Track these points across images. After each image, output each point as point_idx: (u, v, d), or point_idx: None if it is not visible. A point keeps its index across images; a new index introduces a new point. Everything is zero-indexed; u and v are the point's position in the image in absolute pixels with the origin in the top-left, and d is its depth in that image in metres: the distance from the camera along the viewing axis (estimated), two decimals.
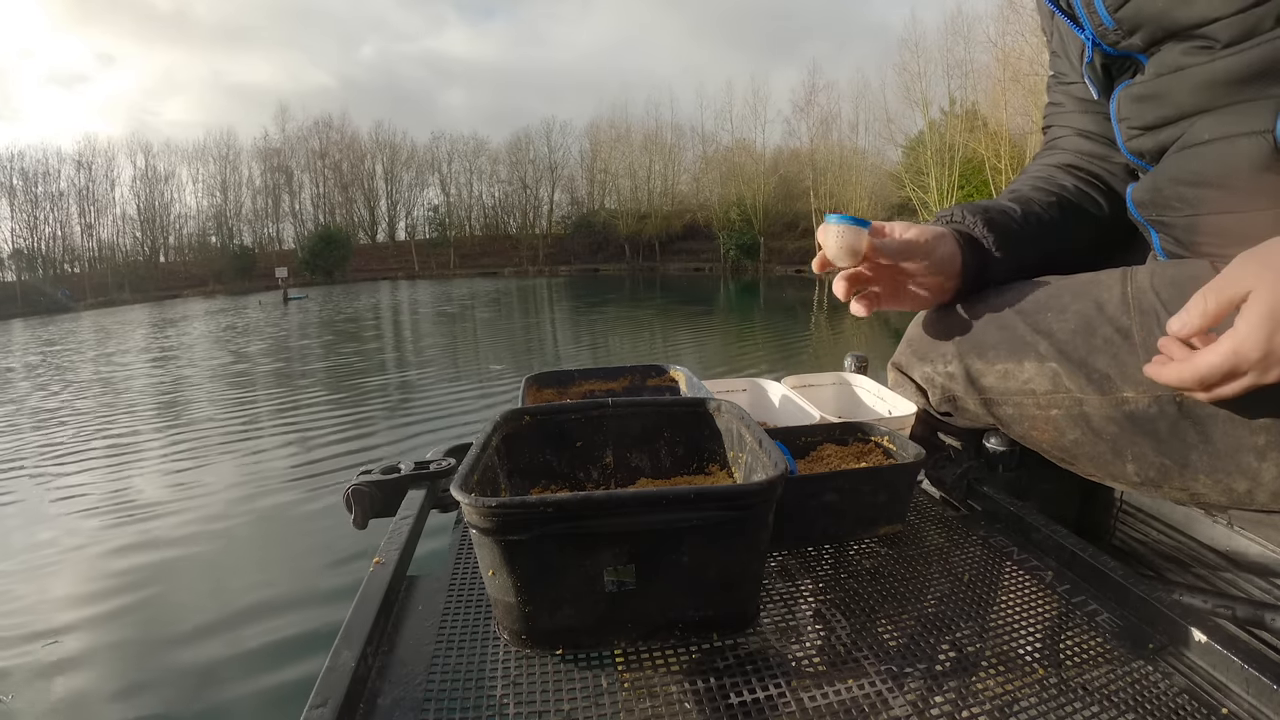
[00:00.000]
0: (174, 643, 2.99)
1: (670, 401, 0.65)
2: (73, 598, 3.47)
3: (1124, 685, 0.42)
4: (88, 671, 2.85)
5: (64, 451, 6.33)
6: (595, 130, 50.24)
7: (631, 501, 0.43)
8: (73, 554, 3.97)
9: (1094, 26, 0.58)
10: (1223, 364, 0.45)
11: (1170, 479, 0.60)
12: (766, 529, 0.46)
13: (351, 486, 0.68)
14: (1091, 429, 0.62)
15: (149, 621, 3.20)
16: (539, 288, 31.58)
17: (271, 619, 3.10)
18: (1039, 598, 0.52)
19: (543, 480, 0.60)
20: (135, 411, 8.06)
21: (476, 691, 0.42)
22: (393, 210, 54.78)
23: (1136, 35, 0.58)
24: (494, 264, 50.25)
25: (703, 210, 42.58)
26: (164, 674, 2.79)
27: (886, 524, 0.63)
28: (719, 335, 13.32)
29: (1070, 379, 0.62)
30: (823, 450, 0.68)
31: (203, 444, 6.30)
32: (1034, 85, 20.95)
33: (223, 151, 51.17)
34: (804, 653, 0.45)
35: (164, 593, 3.48)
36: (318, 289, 39.88)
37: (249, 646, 2.90)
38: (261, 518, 4.35)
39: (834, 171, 33.97)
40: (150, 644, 3.01)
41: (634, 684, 0.42)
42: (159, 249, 50.12)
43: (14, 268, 44.39)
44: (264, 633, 2.99)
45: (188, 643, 2.98)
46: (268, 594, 3.35)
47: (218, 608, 3.26)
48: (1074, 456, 0.66)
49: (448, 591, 0.54)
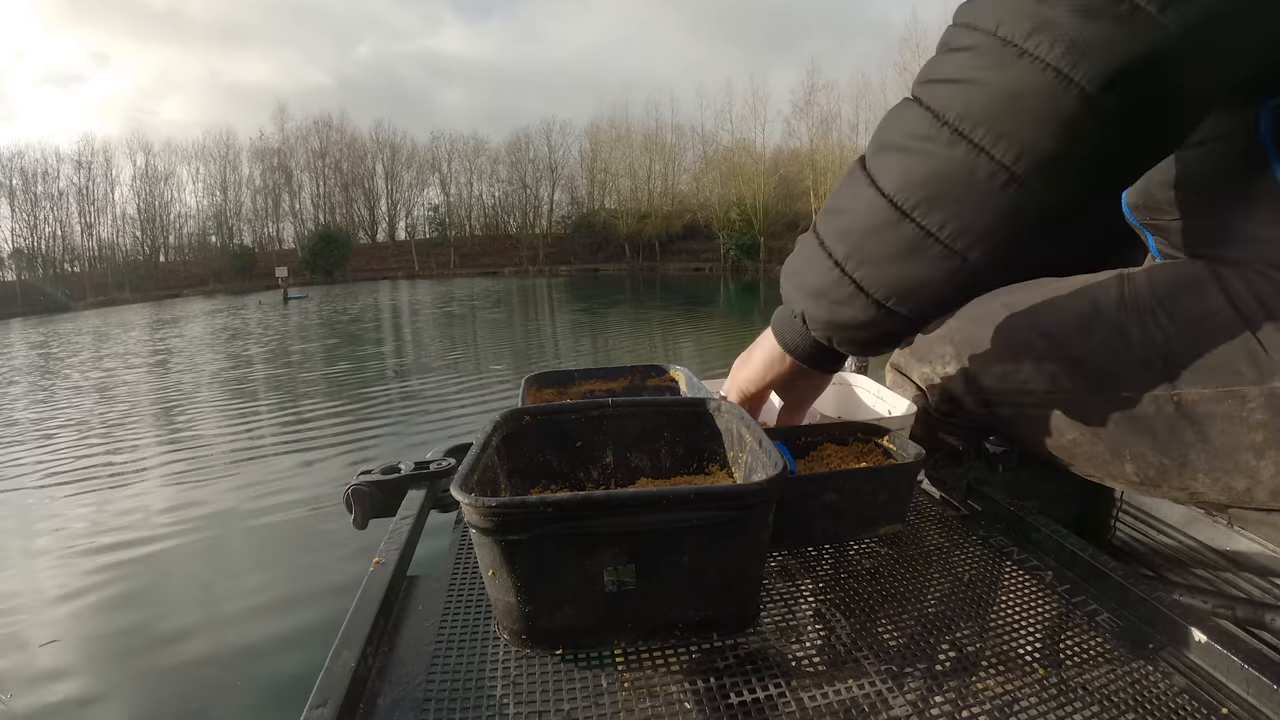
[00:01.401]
0: (173, 643, 2.99)
1: (670, 401, 0.65)
2: (70, 598, 3.47)
3: (1124, 685, 0.42)
4: (86, 672, 2.85)
5: (62, 453, 6.33)
6: (595, 130, 50.32)
7: (631, 501, 0.43)
8: (69, 554, 3.97)
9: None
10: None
11: (1169, 478, 0.60)
12: (766, 529, 0.46)
13: (351, 486, 0.68)
14: (1090, 429, 0.62)
15: (147, 622, 3.20)
16: (539, 288, 31.59)
17: (271, 619, 3.10)
18: (1039, 598, 0.52)
19: (543, 480, 0.60)
20: (134, 413, 8.05)
21: (476, 691, 0.42)
22: (393, 210, 54.85)
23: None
24: (494, 264, 50.27)
25: (703, 210, 42.62)
26: (163, 674, 2.79)
27: (886, 524, 0.63)
28: (719, 335, 13.32)
29: (1068, 379, 0.62)
30: (823, 450, 0.68)
31: (202, 444, 6.30)
32: None
33: (222, 151, 51.25)
34: (804, 653, 0.45)
35: (163, 593, 3.48)
36: (318, 288, 39.91)
37: (249, 647, 2.90)
38: (261, 518, 4.35)
39: (834, 171, 33.97)
40: (149, 644, 3.01)
41: (634, 684, 0.42)
42: (159, 248, 50.17)
43: (14, 267, 44.42)
44: (264, 633, 2.99)
45: (187, 643, 2.98)
46: (267, 594, 3.35)
47: (217, 608, 3.27)
48: (1073, 456, 0.66)
49: (448, 591, 0.54)
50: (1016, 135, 0.42)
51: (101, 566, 3.78)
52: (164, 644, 2.99)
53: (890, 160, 0.48)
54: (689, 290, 27.38)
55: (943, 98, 0.45)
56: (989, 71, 0.42)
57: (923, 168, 0.46)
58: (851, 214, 0.51)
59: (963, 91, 0.44)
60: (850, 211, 0.51)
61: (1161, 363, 0.57)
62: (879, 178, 0.48)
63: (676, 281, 33.58)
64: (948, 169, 0.44)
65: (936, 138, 0.45)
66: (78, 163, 47.19)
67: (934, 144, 0.45)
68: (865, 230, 0.49)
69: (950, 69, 0.45)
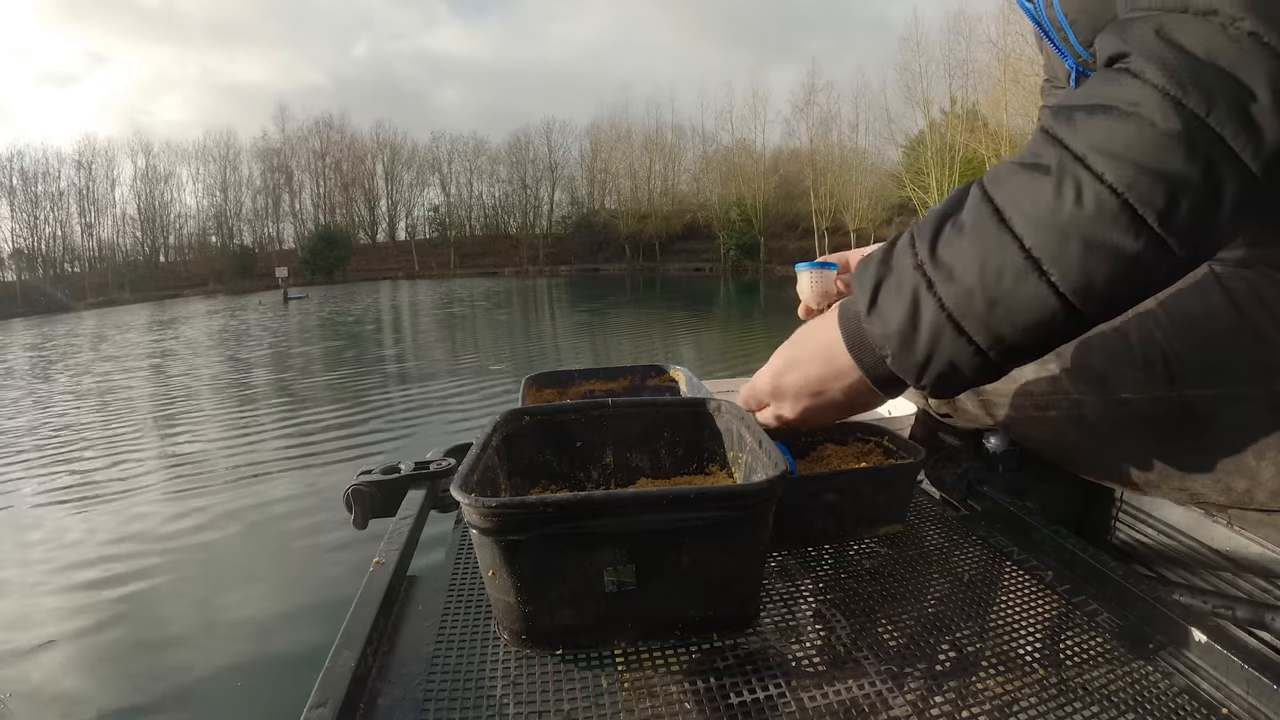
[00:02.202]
0: (172, 643, 2.99)
1: (670, 401, 0.65)
2: (67, 599, 3.47)
3: (1124, 685, 0.42)
4: (84, 673, 2.85)
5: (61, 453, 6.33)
6: (595, 130, 50.35)
7: (631, 501, 0.43)
8: (66, 554, 3.97)
9: (1074, 56, 0.59)
10: (745, 399, 0.61)
11: (1169, 479, 0.60)
12: (766, 529, 0.46)
13: (351, 487, 0.68)
14: (1090, 430, 0.62)
15: (145, 623, 3.20)
16: (539, 288, 31.60)
17: (271, 619, 3.10)
18: (1039, 598, 0.52)
19: (543, 480, 0.60)
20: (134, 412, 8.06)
21: (476, 691, 0.42)
22: (393, 210, 54.89)
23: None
24: (494, 264, 50.29)
25: (703, 210, 42.64)
26: (163, 675, 2.79)
27: (886, 524, 0.63)
28: (719, 335, 13.32)
29: (1069, 380, 0.63)
30: (823, 450, 0.68)
31: (201, 444, 6.30)
32: (1034, 85, 20.93)
33: (222, 151, 51.29)
34: (804, 653, 0.45)
35: (162, 594, 3.48)
36: (317, 289, 39.92)
37: (249, 647, 2.90)
38: (261, 519, 4.35)
39: (834, 171, 33.99)
40: (148, 645, 3.01)
41: (634, 684, 0.42)
42: (159, 249, 50.20)
43: (14, 267, 44.44)
44: (263, 633, 2.99)
45: (186, 644, 2.98)
46: (267, 594, 3.35)
47: (216, 608, 3.26)
48: (1073, 457, 0.66)
49: (448, 591, 0.54)
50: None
51: (101, 567, 3.78)
52: (164, 645, 2.99)
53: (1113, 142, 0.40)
54: (689, 290, 27.38)
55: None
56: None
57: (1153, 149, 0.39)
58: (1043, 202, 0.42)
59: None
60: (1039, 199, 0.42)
61: (1162, 363, 0.57)
62: (1102, 171, 0.40)
63: (676, 281, 33.58)
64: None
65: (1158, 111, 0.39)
66: (78, 163, 47.26)
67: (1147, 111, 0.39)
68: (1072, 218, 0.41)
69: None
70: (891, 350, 0.48)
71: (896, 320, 0.47)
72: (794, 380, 0.55)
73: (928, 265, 0.45)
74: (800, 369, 0.55)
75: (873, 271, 0.48)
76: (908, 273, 0.46)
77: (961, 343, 0.45)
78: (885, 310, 0.47)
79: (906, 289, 0.46)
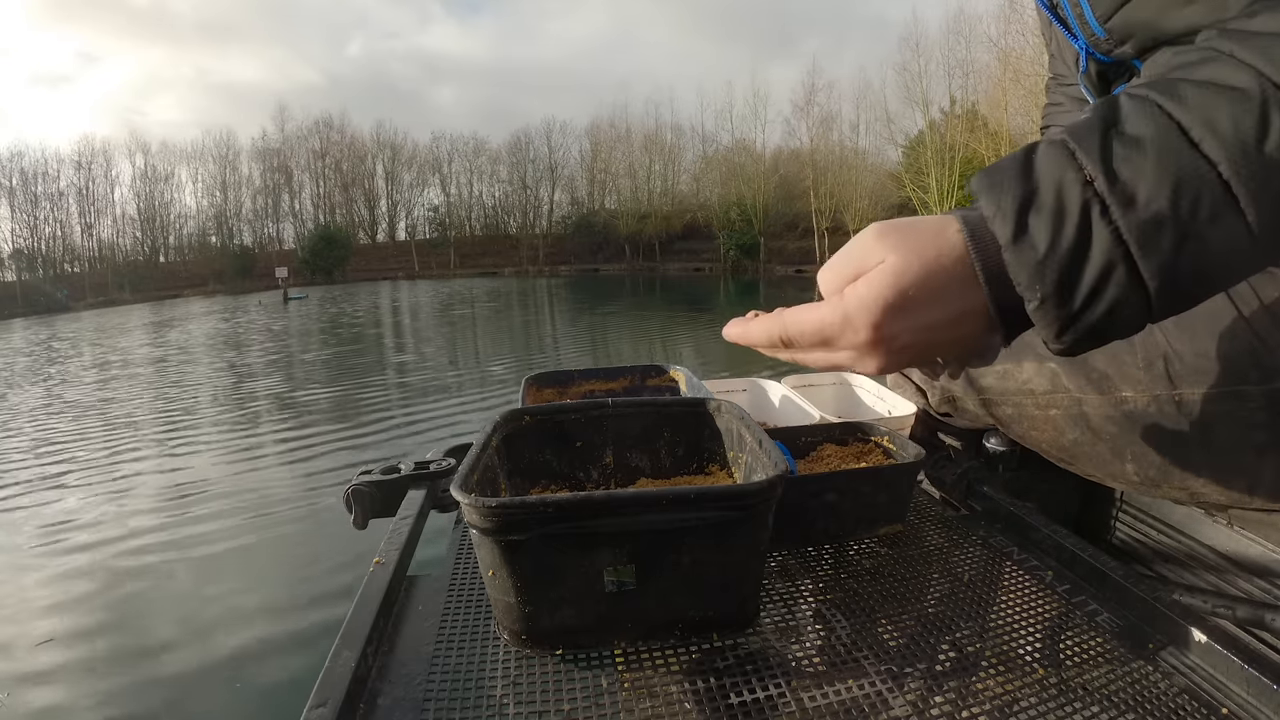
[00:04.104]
0: (172, 644, 2.99)
1: (670, 402, 0.65)
2: (65, 600, 3.47)
3: (1124, 685, 0.42)
4: (84, 673, 2.85)
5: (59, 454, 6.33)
6: (595, 130, 50.31)
7: (631, 501, 0.43)
8: (63, 555, 3.97)
9: (1086, 36, 0.58)
10: (789, 333, 0.44)
11: (1170, 478, 0.60)
12: (766, 529, 0.46)
13: (351, 487, 0.68)
14: (1091, 429, 0.62)
15: (144, 623, 3.20)
16: (539, 288, 31.60)
17: (271, 619, 3.10)
18: (1039, 598, 0.52)
19: (543, 480, 0.60)
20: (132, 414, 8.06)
21: (476, 691, 0.42)
22: (393, 210, 54.86)
23: (1128, 44, 0.58)
24: (494, 264, 50.28)
25: (703, 210, 42.62)
26: (163, 675, 2.78)
27: (886, 524, 0.63)
28: (719, 335, 13.30)
29: (1069, 379, 0.62)
30: (823, 450, 0.68)
31: (200, 445, 6.30)
32: (1034, 85, 20.99)
33: (222, 151, 51.26)
34: (804, 653, 0.45)
35: (161, 594, 3.48)
36: (317, 289, 39.90)
37: (249, 647, 2.90)
38: (261, 520, 4.35)
39: (834, 171, 34.00)
40: (148, 645, 3.01)
41: (634, 684, 0.42)
42: (159, 249, 50.19)
43: (14, 268, 44.44)
44: (264, 633, 2.99)
45: (186, 644, 2.98)
46: (267, 594, 3.35)
47: (216, 608, 3.26)
48: (1074, 456, 0.66)
49: (448, 591, 0.54)
50: None
51: (99, 566, 3.78)
52: (164, 645, 2.99)
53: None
54: (689, 290, 27.38)
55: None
56: None
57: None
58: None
59: None
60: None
61: (1162, 363, 0.57)
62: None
63: (676, 281, 33.57)
64: None
65: None
66: (77, 163, 47.25)
67: None
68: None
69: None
70: (1045, 291, 0.37)
71: (1059, 252, 0.36)
72: (906, 324, 0.40)
73: (1100, 183, 0.36)
74: (914, 312, 0.39)
75: (1014, 187, 0.37)
76: (1072, 190, 0.36)
77: (1131, 284, 0.36)
78: (1037, 237, 0.36)
79: (1072, 212, 0.36)
